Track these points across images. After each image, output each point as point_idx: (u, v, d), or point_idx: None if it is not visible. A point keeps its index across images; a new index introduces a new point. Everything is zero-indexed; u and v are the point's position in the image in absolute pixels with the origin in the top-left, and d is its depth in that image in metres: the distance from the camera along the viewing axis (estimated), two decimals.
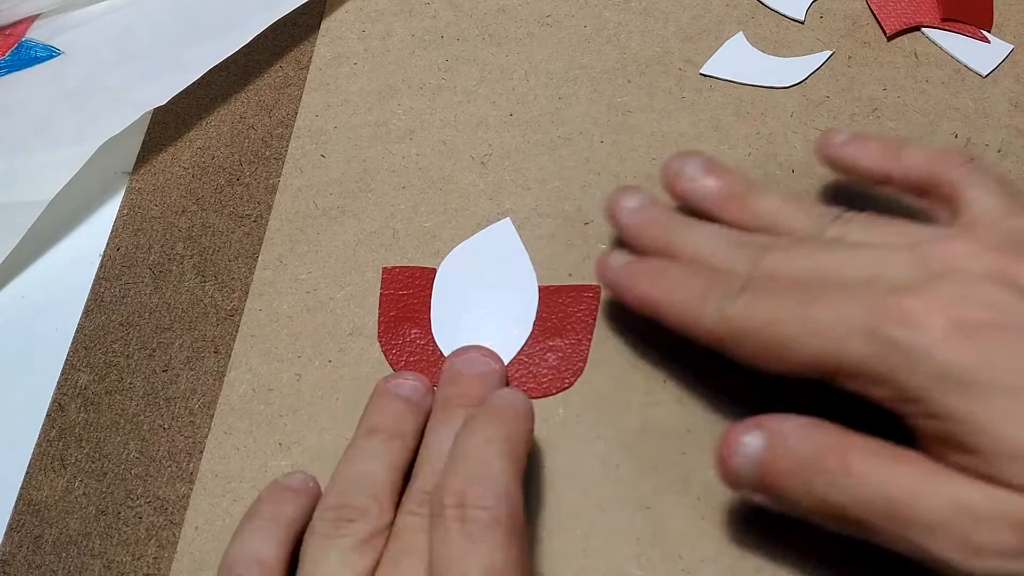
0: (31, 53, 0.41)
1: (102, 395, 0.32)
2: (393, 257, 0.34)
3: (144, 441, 0.31)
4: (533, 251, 0.34)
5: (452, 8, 0.41)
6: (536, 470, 0.30)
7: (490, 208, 0.35)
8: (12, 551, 0.30)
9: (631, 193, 0.31)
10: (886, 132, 0.36)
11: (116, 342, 0.34)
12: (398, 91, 0.39)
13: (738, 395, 0.30)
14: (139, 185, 0.37)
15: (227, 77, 0.40)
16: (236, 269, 0.35)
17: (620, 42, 0.39)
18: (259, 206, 0.36)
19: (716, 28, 0.39)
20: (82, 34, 0.41)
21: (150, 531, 0.30)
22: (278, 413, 0.32)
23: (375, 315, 0.33)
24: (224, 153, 0.38)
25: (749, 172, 0.35)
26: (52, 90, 0.39)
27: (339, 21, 0.41)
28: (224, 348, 0.33)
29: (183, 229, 0.36)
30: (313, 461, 0.31)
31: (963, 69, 0.37)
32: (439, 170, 0.36)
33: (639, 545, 0.28)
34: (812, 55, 0.38)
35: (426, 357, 0.32)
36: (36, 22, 0.42)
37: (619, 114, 0.37)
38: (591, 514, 0.29)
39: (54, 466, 0.31)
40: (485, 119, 0.38)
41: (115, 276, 0.35)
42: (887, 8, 0.39)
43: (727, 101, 0.37)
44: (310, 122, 0.38)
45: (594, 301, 0.33)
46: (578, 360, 0.31)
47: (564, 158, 0.36)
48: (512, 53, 0.39)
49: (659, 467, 0.30)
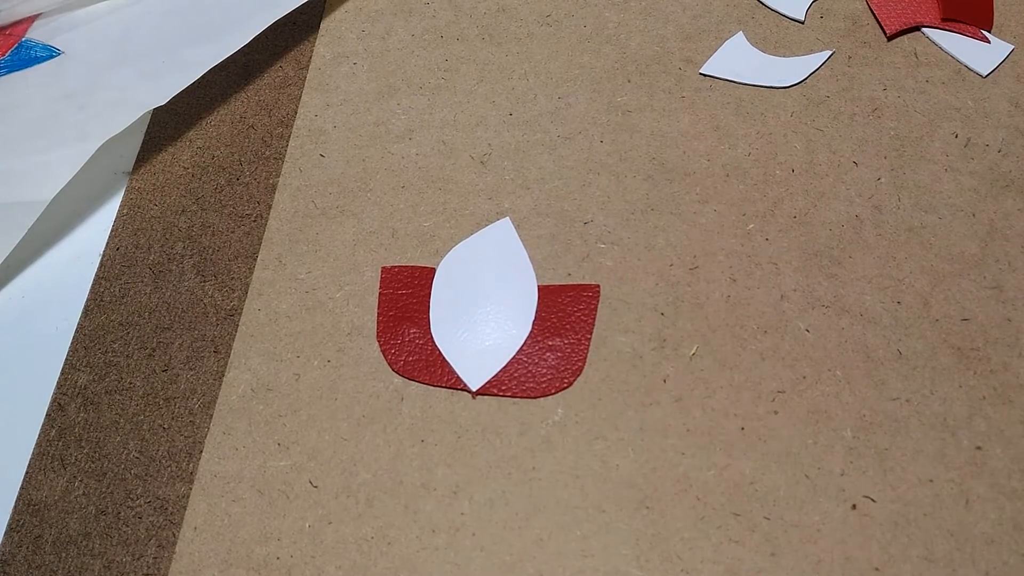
0: (31, 53, 0.41)
1: (102, 395, 0.32)
2: (392, 256, 0.34)
3: (144, 441, 0.31)
4: (532, 251, 0.34)
5: (452, 8, 0.41)
6: (536, 470, 0.30)
7: (489, 208, 0.35)
8: (12, 551, 0.30)
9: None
10: (886, 132, 0.36)
11: (116, 342, 0.34)
12: (397, 91, 0.39)
13: (738, 395, 0.31)
14: (139, 185, 0.37)
15: (227, 77, 0.40)
16: (236, 269, 0.35)
17: (620, 42, 0.39)
18: (259, 206, 0.36)
19: (716, 28, 0.39)
20: (82, 34, 0.41)
21: (150, 531, 0.30)
22: (277, 413, 0.32)
23: (374, 315, 0.33)
24: (224, 153, 0.38)
25: (749, 172, 0.35)
26: (52, 90, 0.39)
27: (339, 21, 0.41)
28: (223, 348, 0.33)
29: (183, 229, 0.36)
30: (311, 461, 0.31)
31: (963, 69, 0.37)
32: (438, 170, 0.36)
33: (639, 545, 0.28)
34: (812, 55, 0.38)
35: (425, 357, 0.32)
36: (36, 22, 0.42)
37: (619, 114, 0.37)
38: (591, 514, 0.29)
39: (54, 466, 0.31)
40: (484, 119, 0.38)
41: (115, 276, 0.35)
42: (887, 8, 0.39)
43: (727, 101, 0.37)
44: (310, 122, 0.38)
45: (594, 301, 0.33)
46: (578, 360, 0.31)
47: (564, 157, 0.36)
48: (512, 53, 0.39)
49: (659, 467, 0.30)
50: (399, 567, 0.29)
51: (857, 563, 0.28)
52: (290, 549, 0.29)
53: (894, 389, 0.30)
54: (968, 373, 0.30)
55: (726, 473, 0.29)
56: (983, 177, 0.34)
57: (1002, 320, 0.31)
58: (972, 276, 0.32)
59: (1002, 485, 0.29)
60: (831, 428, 0.30)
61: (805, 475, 0.29)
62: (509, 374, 0.31)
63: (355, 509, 0.30)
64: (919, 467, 0.29)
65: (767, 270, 0.33)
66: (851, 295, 0.32)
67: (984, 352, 0.31)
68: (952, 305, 0.32)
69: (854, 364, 0.31)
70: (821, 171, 0.35)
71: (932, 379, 0.30)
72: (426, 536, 0.29)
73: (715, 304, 0.32)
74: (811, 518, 0.28)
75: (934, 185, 0.34)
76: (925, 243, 0.33)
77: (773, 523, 0.28)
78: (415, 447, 0.31)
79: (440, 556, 0.29)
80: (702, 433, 0.30)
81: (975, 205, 0.34)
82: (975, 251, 0.33)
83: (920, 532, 0.28)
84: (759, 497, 0.29)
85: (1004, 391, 0.30)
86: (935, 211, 0.34)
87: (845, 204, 0.34)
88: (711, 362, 0.31)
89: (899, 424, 0.30)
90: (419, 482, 0.30)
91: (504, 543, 0.29)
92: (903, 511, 0.28)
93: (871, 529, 0.28)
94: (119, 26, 0.41)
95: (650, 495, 0.29)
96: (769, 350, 0.31)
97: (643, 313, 0.32)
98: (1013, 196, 0.34)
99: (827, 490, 0.29)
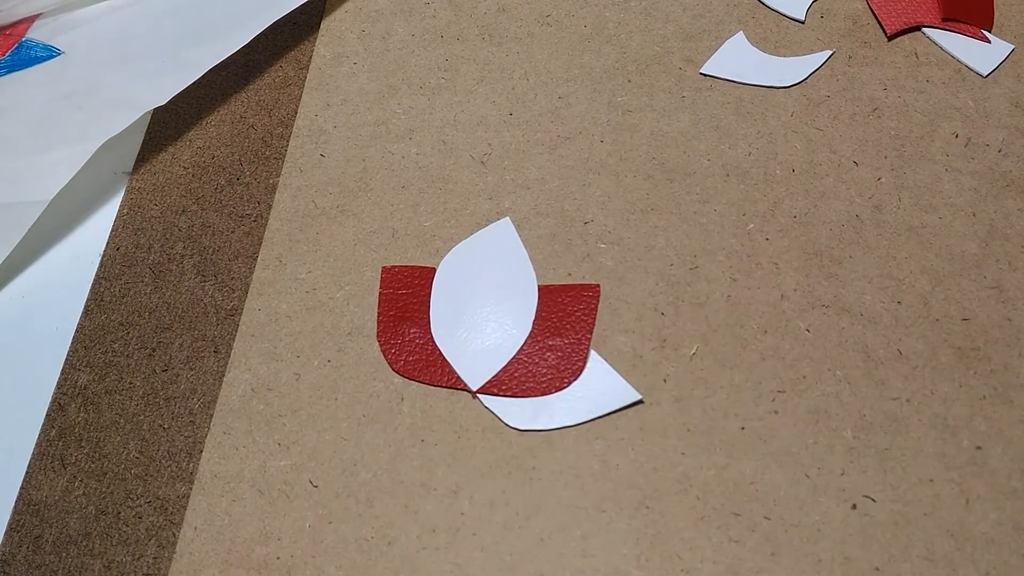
0: (31, 53, 0.41)
1: (102, 395, 0.32)
2: (392, 256, 0.34)
3: (144, 441, 0.31)
4: (533, 250, 0.34)
5: (452, 8, 0.41)
6: (536, 470, 0.30)
7: (490, 207, 0.35)
8: (12, 551, 0.30)
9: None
10: (886, 132, 0.36)
11: (116, 342, 0.34)
12: (398, 91, 0.39)
13: (738, 395, 0.31)
14: (139, 185, 0.37)
15: (227, 77, 0.40)
16: (236, 269, 0.35)
17: (620, 41, 0.39)
18: (259, 205, 0.36)
19: (716, 28, 0.39)
20: (82, 34, 0.41)
21: (150, 531, 0.30)
22: (277, 413, 0.32)
23: (374, 314, 0.33)
24: (224, 153, 0.38)
25: (749, 172, 0.35)
26: (52, 90, 0.39)
27: (339, 21, 0.41)
28: (224, 348, 0.33)
29: (183, 229, 0.36)
30: (312, 460, 0.31)
31: (964, 69, 0.37)
32: (439, 169, 0.36)
33: (639, 545, 0.28)
34: (812, 55, 0.38)
35: (425, 356, 0.32)
36: (36, 22, 0.42)
37: (619, 113, 0.37)
38: (591, 514, 0.29)
39: (54, 466, 0.31)
40: (485, 118, 0.38)
41: (115, 276, 0.35)
42: (888, 8, 0.39)
43: (727, 100, 0.37)
44: (310, 122, 0.38)
45: (594, 300, 0.33)
46: (578, 360, 0.31)
47: (564, 157, 0.36)
48: (512, 52, 0.39)
49: (659, 467, 0.30)
50: (399, 567, 0.29)
51: (857, 563, 0.28)
52: (290, 549, 0.29)
53: (894, 389, 0.30)
54: (968, 373, 0.30)
55: (726, 473, 0.29)
56: (983, 177, 0.34)
57: (1002, 320, 0.31)
58: (972, 276, 0.32)
59: (1002, 485, 0.29)
60: (831, 428, 0.30)
61: (805, 475, 0.29)
62: (509, 374, 0.31)
63: (355, 509, 0.30)
64: (919, 467, 0.29)
65: (767, 270, 0.33)
66: (851, 295, 0.32)
67: (984, 352, 0.31)
68: (952, 305, 0.32)
69: (854, 364, 0.31)
70: (821, 171, 0.35)
71: (932, 379, 0.30)
72: (426, 536, 0.29)
73: (715, 304, 0.32)
74: (811, 518, 0.28)
75: (934, 185, 0.34)
76: (925, 243, 0.33)
77: (773, 523, 0.28)
78: (415, 447, 0.31)
79: (440, 556, 0.29)
80: (702, 433, 0.30)
81: (975, 205, 0.34)
82: (975, 251, 0.33)
83: (920, 532, 0.28)
84: (759, 497, 0.29)
85: (1004, 391, 0.30)
86: (935, 211, 0.34)
87: (845, 204, 0.34)
88: (711, 362, 0.31)
89: (899, 424, 0.30)
90: (419, 482, 0.30)
91: (504, 543, 0.29)
92: (903, 511, 0.28)
93: (871, 529, 0.28)
94: (119, 26, 0.41)
95: (650, 495, 0.29)
96: (769, 350, 0.31)
97: (643, 313, 0.32)
98: (1013, 196, 0.34)
99: (827, 490, 0.29)
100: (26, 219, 0.35)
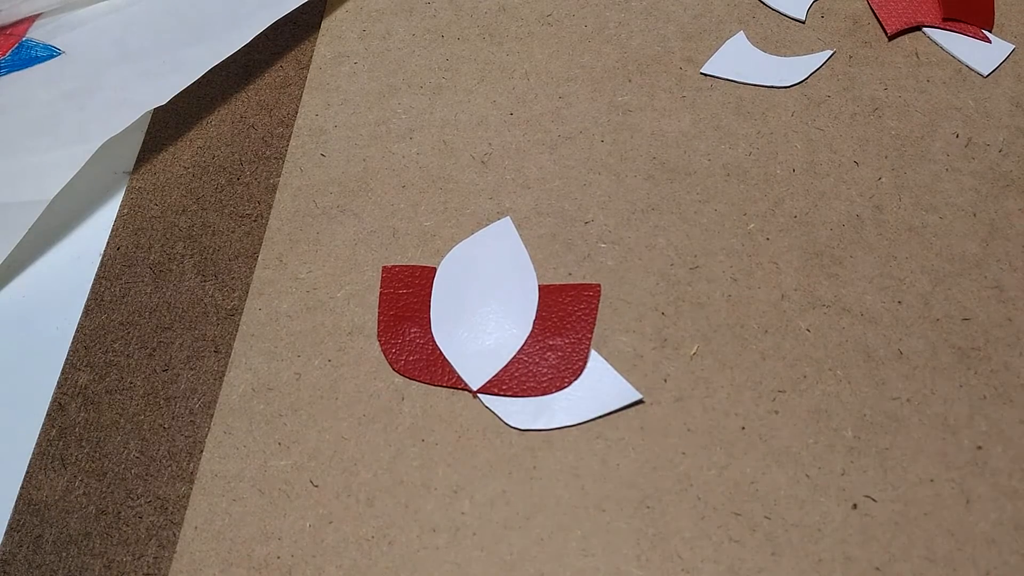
0: (31, 53, 0.41)
1: (102, 394, 0.32)
2: (393, 256, 0.34)
3: (144, 441, 0.31)
4: (533, 250, 0.34)
5: (452, 7, 0.41)
6: (536, 470, 0.30)
7: (490, 207, 0.35)
8: (12, 551, 0.30)
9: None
10: (887, 132, 0.36)
11: (116, 341, 0.34)
12: (398, 90, 0.39)
13: (738, 394, 0.30)
14: (139, 185, 0.37)
15: (227, 77, 0.40)
16: (236, 268, 0.35)
17: (621, 41, 0.39)
18: (259, 205, 0.36)
19: (717, 27, 0.39)
20: (82, 34, 0.41)
21: (150, 531, 0.30)
22: (278, 412, 0.32)
23: (375, 314, 0.33)
24: (224, 152, 0.38)
25: (750, 172, 0.35)
26: (52, 90, 0.39)
27: (339, 21, 0.41)
28: (224, 347, 0.33)
29: (183, 228, 0.36)
30: (312, 460, 0.31)
31: (964, 69, 0.37)
32: (439, 169, 0.36)
33: (639, 545, 0.28)
34: (813, 55, 0.38)
35: (426, 356, 0.32)
36: (36, 22, 0.42)
37: (619, 113, 0.37)
38: (591, 514, 0.29)
39: (54, 466, 0.31)
40: (485, 118, 0.38)
41: (115, 276, 0.35)
42: (888, 8, 0.39)
43: (728, 100, 0.37)
44: (310, 121, 0.38)
45: (594, 300, 0.33)
46: (578, 359, 0.31)
47: (564, 157, 0.36)
48: (512, 52, 0.39)
49: (659, 467, 0.30)
50: (399, 567, 0.29)
51: (858, 563, 0.28)
52: (291, 549, 0.29)
53: (895, 389, 0.30)
54: (969, 373, 0.30)
55: (727, 473, 0.29)
56: (984, 177, 0.34)
57: (1003, 320, 0.31)
58: (973, 276, 0.32)
59: (1003, 485, 0.29)
60: (832, 428, 0.30)
61: (806, 475, 0.29)
62: (510, 373, 0.31)
63: (356, 509, 0.30)
64: (920, 467, 0.29)
65: (768, 270, 0.33)
66: (852, 295, 0.32)
67: (985, 352, 0.31)
68: (953, 305, 0.32)
69: (855, 364, 0.31)
70: (822, 171, 0.35)
71: (933, 379, 0.30)
72: (426, 536, 0.29)
73: (716, 304, 0.32)
74: (812, 518, 0.28)
75: (935, 185, 0.34)
76: (926, 243, 0.33)
77: (774, 522, 0.28)
78: (416, 447, 0.31)
79: (440, 556, 0.29)
80: (702, 433, 0.30)
81: (976, 205, 0.34)
82: (976, 251, 0.33)
83: (921, 532, 0.28)
84: (760, 497, 0.29)
85: (1005, 391, 0.30)
86: (936, 211, 0.34)
87: (846, 204, 0.34)
88: (712, 362, 0.31)
89: (900, 424, 0.30)
90: (419, 481, 0.30)
91: (504, 543, 0.29)
92: (904, 511, 0.28)
93: (872, 529, 0.28)
94: (119, 26, 0.41)
95: (650, 495, 0.29)
96: (770, 349, 0.31)
97: (644, 313, 0.32)
98: (1014, 196, 0.34)
99: (828, 490, 0.29)
100: (26, 219, 0.35)
